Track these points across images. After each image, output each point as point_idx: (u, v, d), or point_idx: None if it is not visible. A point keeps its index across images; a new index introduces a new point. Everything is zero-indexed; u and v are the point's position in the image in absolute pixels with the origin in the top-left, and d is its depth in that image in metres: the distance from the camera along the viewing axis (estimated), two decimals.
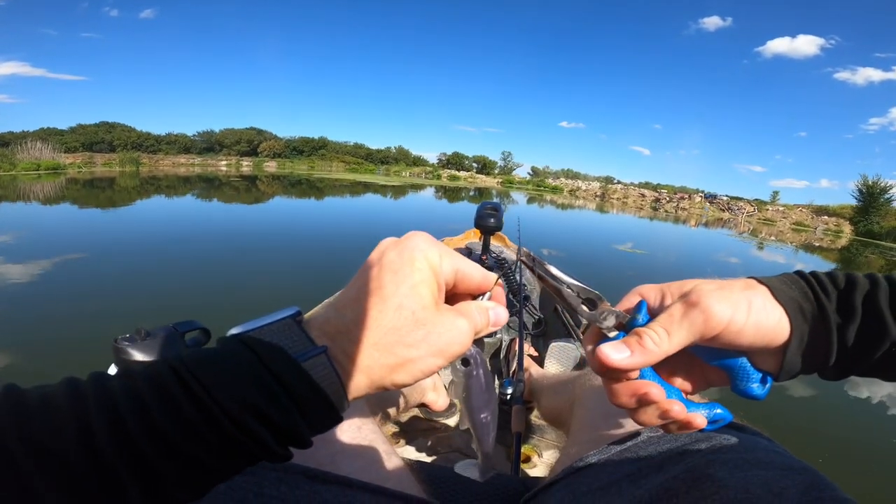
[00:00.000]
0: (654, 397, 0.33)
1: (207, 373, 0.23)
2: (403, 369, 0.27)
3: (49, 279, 3.38)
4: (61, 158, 24.03)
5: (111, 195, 11.68)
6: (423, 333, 0.27)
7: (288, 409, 0.24)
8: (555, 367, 1.33)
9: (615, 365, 0.33)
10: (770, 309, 0.32)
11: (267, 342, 0.25)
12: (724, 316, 0.31)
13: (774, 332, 0.32)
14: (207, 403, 0.22)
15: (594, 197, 35.44)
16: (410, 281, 0.28)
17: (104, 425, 0.21)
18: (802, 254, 12.44)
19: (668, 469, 0.40)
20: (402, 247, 0.29)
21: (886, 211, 27.36)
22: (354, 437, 0.48)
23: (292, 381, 0.24)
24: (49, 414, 0.21)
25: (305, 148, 54.10)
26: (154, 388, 0.22)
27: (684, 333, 0.32)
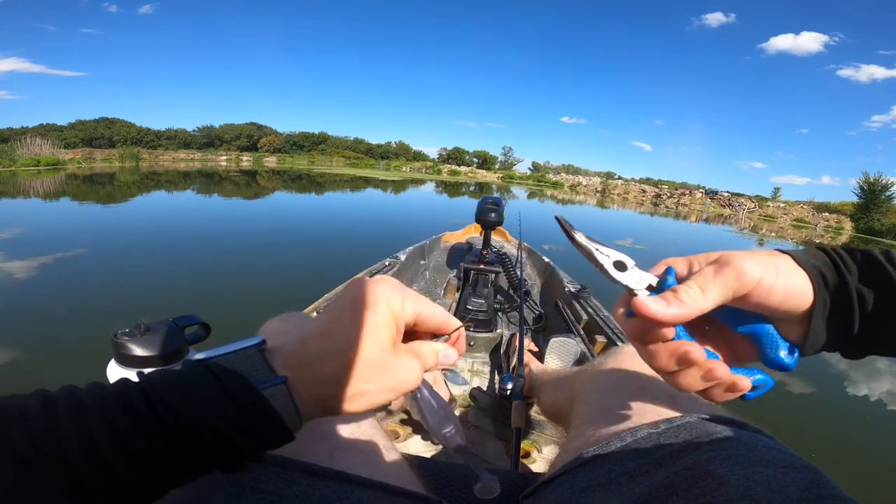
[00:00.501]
0: (696, 356, 0.33)
1: (170, 394, 0.26)
2: (356, 400, 0.30)
3: (49, 275, 3.38)
4: (61, 154, 23.95)
5: (111, 191, 11.66)
6: (379, 372, 0.30)
7: (245, 432, 0.27)
8: (555, 362, 1.33)
9: (653, 314, 0.32)
10: (795, 273, 0.33)
11: (230, 370, 0.27)
12: (755, 273, 0.32)
13: (800, 295, 0.33)
14: (168, 423, 0.25)
15: (595, 192, 35.38)
16: (372, 323, 0.31)
17: (75, 441, 0.23)
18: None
19: (669, 466, 0.40)
20: (368, 290, 0.32)
21: (887, 208, 27.31)
22: (353, 432, 0.47)
23: (250, 405, 0.27)
24: (54, 425, 0.23)
25: (305, 143, 54.01)
26: (122, 406, 0.25)
27: (718, 290, 0.33)
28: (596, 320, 1.56)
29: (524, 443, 1.11)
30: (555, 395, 0.84)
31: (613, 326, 1.50)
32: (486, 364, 1.51)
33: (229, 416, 0.26)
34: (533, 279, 2.47)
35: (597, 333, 1.49)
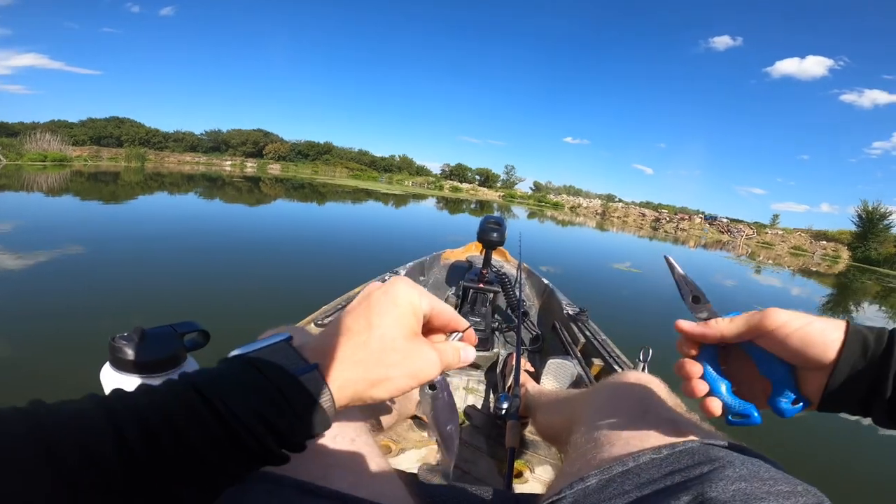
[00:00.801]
0: (686, 370, 0.44)
1: (224, 390, 0.27)
2: (381, 386, 0.33)
3: (46, 271, 3.37)
4: (68, 151, 24.14)
5: (114, 189, 11.70)
6: (400, 357, 0.33)
7: (289, 418, 0.28)
8: (551, 383, 1.32)
9: (680, 326, 0.44)
10: (830, 331, 0.37)
11: (268, 361, 0.29)
12: (779, 318, 0.38)
13: (821, 345, 0.36)
14: (227, 417, 0.26)
15: (594, 214, 35.56)
16: (393, 314, 0.34)
17: (139, 438, 0.24)
18: (799, 278, 12.47)
19: (671, 492, 0.40)
20: (386, 288, 0.35)
21: (885, 237, 27.43)
22: (348, 450, 0.47)
23: (293, 393, 0.29)
24: (84, 421, 0.24)
25: (310, 152, 54.42)
26: (181, 404, 0.26)
27: (741, 322, 0.41)
28: (594, 343, 1.56)
29: (518, 462, 1.10)
30: (551, 417, 0.84)
31: (611, 350, 1.49)
32: (481, 382, 1.50)
33: (275, 405, 0.27)
34: (531, 300, 2.47)
35: (594, 356, 1.48)
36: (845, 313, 7.19)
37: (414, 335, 0.35)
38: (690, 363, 0.44)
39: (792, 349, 0.38)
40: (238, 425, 0.26)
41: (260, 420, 0.27)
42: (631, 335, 2.20)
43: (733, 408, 0.42)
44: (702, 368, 0.43)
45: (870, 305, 8.89)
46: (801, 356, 0.37)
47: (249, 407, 0.27)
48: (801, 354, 0.37)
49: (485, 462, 1.10)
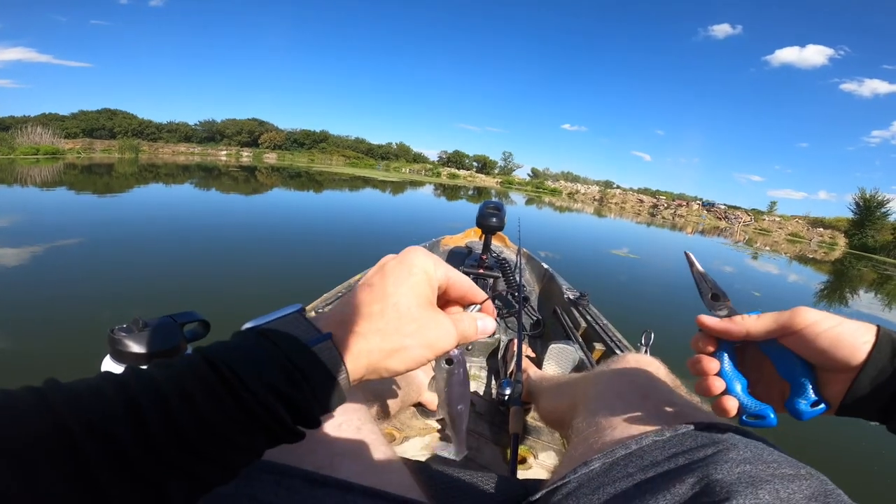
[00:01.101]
0: (702, 366, 0.43)
1: (236, 361, 0.26)
2: (397, 356, 0.32)
3: (42, 264, 3.35)
4: (61, 144, 23.88)
5: (108, 181, 11.60)
6: (416, 327, 0.32)
7: (303, 389, 0.27)
8: (553, 368, 1.32)
9: (702, 321, 0.43)
10: (861, 334, 0.36)
11: (281, 332, 0.28)
12: (809, 317, 0.37)
13: (850, 347, 0.36)
14: (238, 388, 0.25)
15: (592, 201, 35.54)
16: (408, 283, 0.33)
17: (152, 410, 0.23)
18: (796, 265, 12.52)
19: (675, 475, 0.40)
20: (401, 258, 0.34)
21: (882, 225, 27.55)
22: (354, 438, 0.47)
23: (305, 364, 0.28)
24: (98, 397, 0.23)
25: (306, 140, 53.98)
26: (194, 376, 0.25)
27: (769, 320, 0.40)
28: (595, 328, 1.56)
29: (521, 448, 1.10)
30: (554, 402, 0.84)
31: (612, 334, 1.49)
32: (483, 369, 1.50)
33: (288, 376, 0.27)
34: (531, 285, 2.47)
35: (595, 341, 1.49)
36: (841, 301, 7.24)
37: (430, 304, 0.34)
38: (707, 360, 0.43)
39: (820, 349, 0.37)
40: (250, 397, 0.25)
41: (272, 391, 0.26)
42: (631, 319, 2.21)
43: (749, 408, 0.41)
44: (718, 365, 0.42)
45: (866, 293, 8.95)
46: (828, 357, 0.37)
47: (261, 378, 0.26)
48: (828, 355, 0.37)
49: (489, 448, 1.10)
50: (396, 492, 0.43)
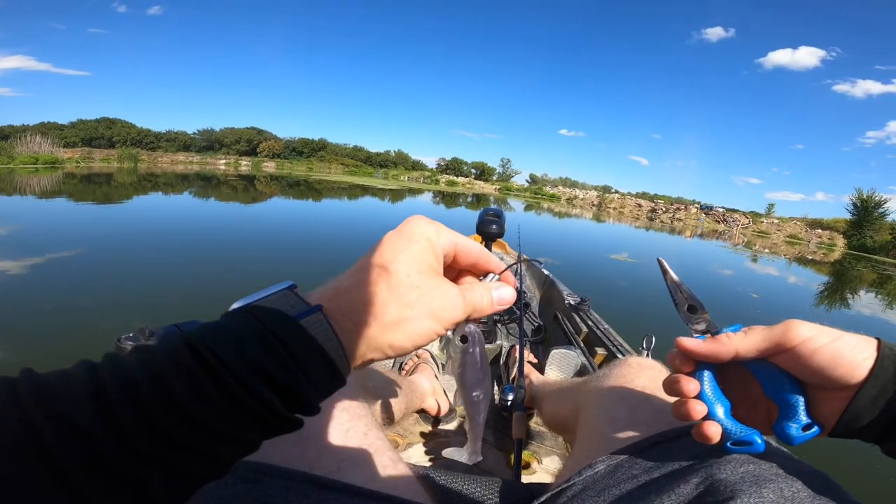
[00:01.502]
0: (681, 388, 0.37)
1: (215, 339, 0.24)
2: (399, 329, 0.29)
3: (43, 275, 3.34)
4: (60, 153, 23.94)
5: (108, 191, 11.61)
6: (417, 295, 0.29)
7: (289, 366, 0.24)
8: (555, 373, 1.33)
9: (684, 346, 0.37)
10: (861, 349, 0.33)
11: (266, 307, 0.26)
12: (804, 332, 0.33)
13: (850, 364, 0.32)
14: (219, 371, 0.22)
15: (591, 206, 35.61)
16: (407, 250, 0.30)
17: (120, 395, 0.21)
18: (795, 266, 12.53)
19: (679, 476, 0.40)
20: (401, 226, 0.32)
21: (880, 225, 27.63)
22: (361, 444, 0.47)
23: (290, 337, 0.25)
24: (67, 387, 0.21)
25: (305, 149, 54.21)
26: (167, 357, 0.23)
27: (759, 336, 0.35)
28: (596, 332, 1.56)
29: (525, 453, 1.11)
30: (557, 406, 0.84)
31: (613, 339, 1.50)
32: None
33: (273, 354, 0.24)
34: (532, 291, 2.47)
35: (597, 346, 1.49)
36: (842, 301, 7.23)
37: (433, 272, 0.31)
38: (686, 380, 0.38)
39: (817, 367, 0.33)
40: (232, 380, 0.22)
41: (257, 372, 0.23)
42: (632, 324, 2.21)
43: (734, 434, 0.37)
44: (698, 386, 0.38)
45: (866, 293, 8.95)
46: (826, 375, 0.33)
47: (243, 358, 0.23)
48: (826, 373, 0.33)
49: (493, 454, 1.10)
50: (403, 496, 0.43)
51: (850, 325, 3.75)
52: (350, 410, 0.49)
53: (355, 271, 0.30)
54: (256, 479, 0.38)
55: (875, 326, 5.41)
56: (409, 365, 1.30)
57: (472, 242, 0.34)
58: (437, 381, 1.23)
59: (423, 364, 1.28)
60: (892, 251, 24.17)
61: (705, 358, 0.37)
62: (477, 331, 0.38)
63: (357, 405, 0.51)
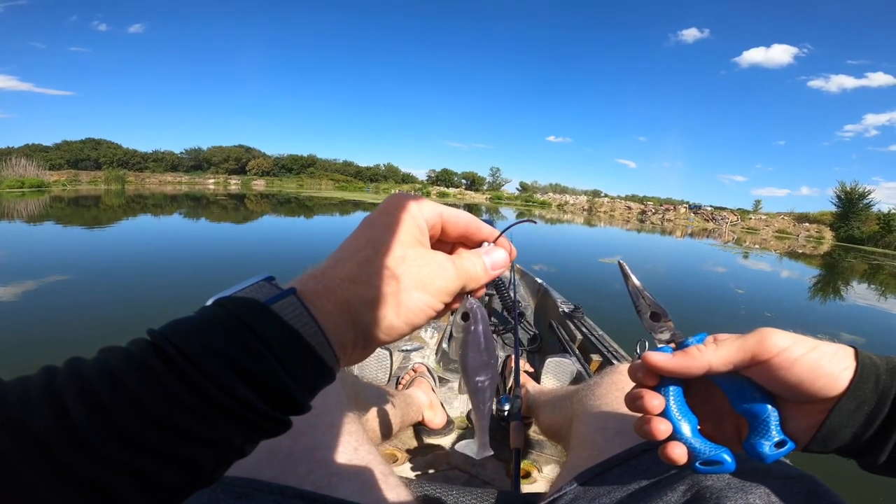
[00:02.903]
0: (644, 404, 0.34)
1: (176, 331, 0.22)
2: (387, 305, 0.26)
3: (33, 301, 3.30)
4: (46, 176, 23.67)
5: (96, 214, 11.50)
6: (403, 268, 0.27)
7: (261, 354, 0.22)
8: (551, 382, 1.33)
9: (652, 362, 0.33)
10: (839, 360, 0.31)
11: (238, 297, 0.24)
12: (781, 342, 0.31)
13: (829, 377, 0.30)
14: (174, 355, 0.21)
15: (582, 211, 35.87)
16: (386, 223, 0.28)
17: (74, 393, 0.19)
18: (787, 261, 12.68)
19: (668, 484, 0.41)
20: (381, 205, 0.30)
21: (866, 216, 28.05)
22: (351, 458, 0.47)
23: (260, 323, 0.23)
24: (23, 390, 0.20)
25: (294, 166, 54.13)
26: (125, 352, 0.21)
27: (732, 348, 0.32)
28: (591, 339, 1.58)
29: (525, 463, 1.11)
30: (553, 415, 0.85)
31: (608, 345, 1.51)
32: None
33: (243, 341, 0.22)
34: (527, 300, 2.48)
35: (592, 352, 1.50)
36: (836, 294, 7.30)
37: (418, 244, 0.29)
38: (650, 395, 0.34)
39: (795, 380, 0.31)
40: (194, 370, 0.20)
41: (223, 360, 0.21)
42: (626, 329, 2.22)
43: (702, 454, 0.33)
44: (663, 402, 0.34)
45: (859, 284, 9.05)
46: (803, 388, 0.31)
47: (207, 346, 0.21)
48: (804, 386, 0.31)
49: (492, 464, 1.10)
50: None
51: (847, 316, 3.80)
52: (341, 425, 0.50)
53: (334, 253, 0.28)
54: (247, 495, 0.38)
55: (872, 317, 5.47)
56: (406, 379, 1.30)
57: (459, 211, 0.32)
58: (435, 393, 1.23)
59: (419, 378, 1.28)
60: (880, 241, 24.53)
61: (676, 374, 0.33)
62: (479, 307, 0.35)
63: (348, 420, 0.51)
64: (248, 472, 0.41)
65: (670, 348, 0.35)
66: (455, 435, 1.20)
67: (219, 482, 0.38)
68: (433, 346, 1.80)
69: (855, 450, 0.31)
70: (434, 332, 1.90)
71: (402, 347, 1.71)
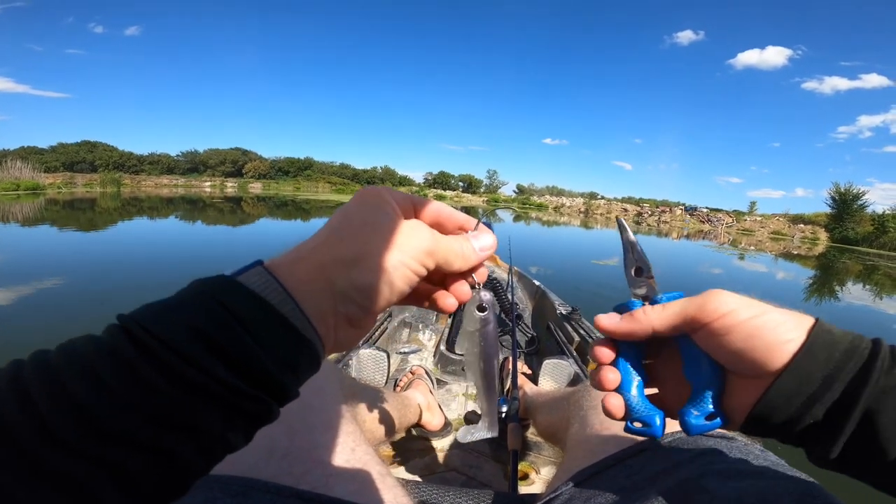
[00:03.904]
0: (597, 352, 0.35)
1: (145, 313, 0.21)
2: (363, 264, 0.25)
3: (27, 305, 3.28)
4: (41, 178, 23.64)
5: (92, 217, 11.46)
6: (376, 228, 0.27)
7: (233, 328, 0.21)
8: (549, 384, 1.34)
9: (601, 325, 0.34)
10: (786, 330, 0.27)
11: (212, 277, 0.23)
12: (722, 305, 0.29)
13: (766, 351, 0.27)
14: (146, 340, 0.20)
15: (578, 213, 36.01)
16: (358, 202, 0.28)
17: (42, 391, 0.18)
18: (782, 262, 12.76)
19: (662, 482, 0.41)
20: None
21: (861, 217, 28.28)
22: (348, 459, 0.48)
23: (226, 294, 0.22)
24: None
25: (291, 168, 54.13)
26: (95, 343, 0.20)
27: (675, 311, 0.31)
28: (588, 341, 1.58)
29: (523, 464, 1.11)
30: (550, 416, 0.85)
31: None
32: None
33: (208, 312, 0.21)
34: (524, 303, 2.49)
35: (589, 354, 1.51)
36: (832, 294, 7.34)
37: (391, 215, 0.28)
38: (606, 353, 0.35)
39: (730, 348, 0.28)
40: (156, 343, 0.19)
41: (190, 334, 0.20)
42: None
43: (635, 412, 0.34)
44: (614, 353, 0.35)
45: (854, 284, 9.12)
46: (739, 358, 0.28)
47: (176, 323, 0.20)
48: (740, 356, 0.28)
49: (489, 466, 1.11)
50: None
51: (843, 318, 3.82)
52: (338, 426, 0.50)
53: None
54: (244, 494, 0.38)
55: (868, 318, 5.51)
56: (404, 381, 1.30)
57: (430, 199, 0.32)
58: (433, 395, 1.24)
59: (417, 380, 1.28)
60: (874, 242, 24.72)
61: (621, 336, 0.34)
62: (492, 300, 0.36)
63: (345, 420, 0.52)
64: (246, 471, 0.41)
65: (641, 302, 0.35)
66: (453, 437, 1.21)
67: (217, 480, 0.38)
68: (431, 348, 1.80)
69: (796, 438, 0.28)
70: (432, 334, 1.90)
71: (400, 350, 1.71)
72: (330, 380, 0.59)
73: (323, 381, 0.57)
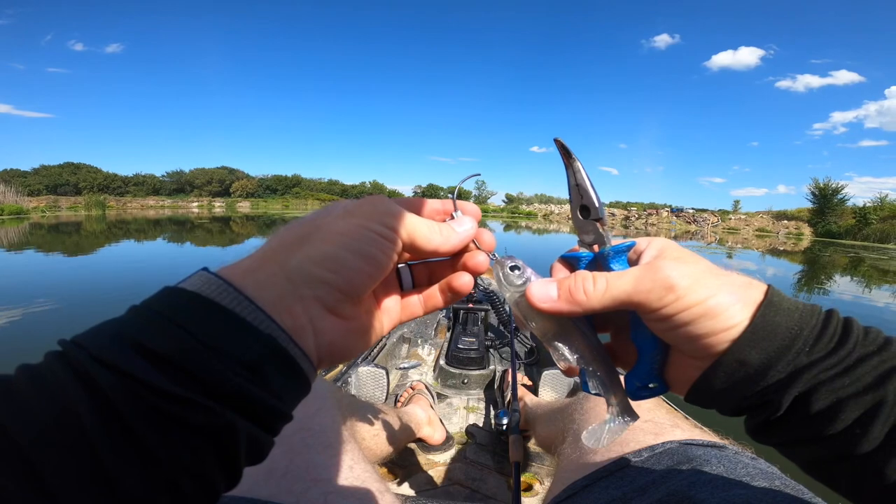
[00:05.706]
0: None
1: (86, 333, 0.20)
2: (314, 235, 0.23)
3: (15, 331, 3.22)
4: (25, 202, 23.24)
5: (78, 240, 11.28)
6: (329, 210, 0.25)
7: (176, 336, 0.19)
8: (549, 394, 1.35)
9: (533, 302, 0.29)
10: (733, 315, 0.25)
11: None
12: (668, 293, 0.26)
13: (712, 335, 0.25)
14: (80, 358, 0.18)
15: (567, 220, 36.19)
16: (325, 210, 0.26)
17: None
18: (770, 258, 12.94)
19: (652, 492, 0.42)
20: None
21: (842, 210, 28.83)
22: (347, 477, 0.48)
23: (164, 302, 0.20)
24: None
25: (279, 186, 53.82)
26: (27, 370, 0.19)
27: (619, 296, 0.27)
28: None
29: (526, 476, 1.12)
30: (549, 427, 0.86)
31: None
32: (480, 401, 1.52)
33: (148, 321, 0.19)
34: None
35: None
36: (820, 288, 7.43)
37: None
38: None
39: (672, 333, 0.27)
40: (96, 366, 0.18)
41: (136, 350, 0.18)
42: None
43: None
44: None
45: (841, 277, 9.25)
46: (680, 343, 0.27)
47: (112, 336, 0.19)
48: (681, 341, 0.27)
49: (493, 479, 1.11)
50: None
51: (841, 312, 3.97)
52: (336, 444, 0.51)
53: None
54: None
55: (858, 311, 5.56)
56: (404, 396, 1.31)
57: (413, 198, 0.30)
58: (433, 410, 1.24)
59: (418, 395, 1.29)
60: (857, 234, 25.16)
61: (552, 314, 0.29)
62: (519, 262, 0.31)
63: (344, 439, 0.53)
64: (245, 491, 0.42)
65: (591, 254, 0.31)
66: (455, 450, 1.21)
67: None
68: (430, 363, 1.80)
69: (733, 413, 0.28)
70: (431, 349, 1.90)
71: (400, 366, 1.72)
72: (327, 398, 0.60)
73: (320, 400, 0.58)
